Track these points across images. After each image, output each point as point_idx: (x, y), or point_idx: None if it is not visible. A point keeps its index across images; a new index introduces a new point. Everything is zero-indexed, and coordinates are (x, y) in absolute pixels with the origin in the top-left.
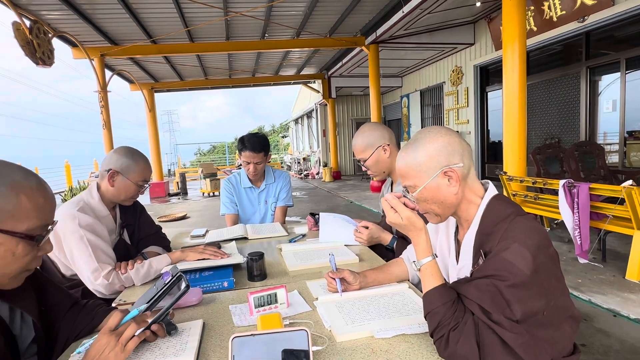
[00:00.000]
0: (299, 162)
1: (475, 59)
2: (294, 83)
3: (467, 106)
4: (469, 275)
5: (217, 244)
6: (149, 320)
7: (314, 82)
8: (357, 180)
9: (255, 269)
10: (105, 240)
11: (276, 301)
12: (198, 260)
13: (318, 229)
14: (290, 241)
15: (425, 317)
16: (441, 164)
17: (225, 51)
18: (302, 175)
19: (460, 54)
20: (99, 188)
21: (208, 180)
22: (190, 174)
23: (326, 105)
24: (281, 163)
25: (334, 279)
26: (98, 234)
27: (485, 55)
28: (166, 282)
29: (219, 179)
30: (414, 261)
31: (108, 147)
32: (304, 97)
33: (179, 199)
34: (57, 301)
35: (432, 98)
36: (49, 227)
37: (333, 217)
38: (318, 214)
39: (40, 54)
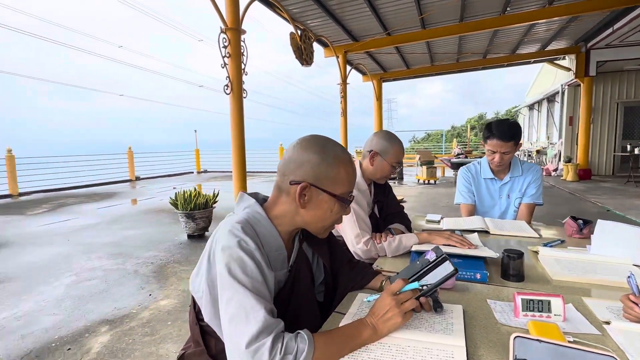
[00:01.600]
0: (530, 155)
1: None
2: (534, 62)
3: None
4: None
5: (460, 233)
6: (419, 292)
7: (563, 58)
8: (619, 182)
9: (511, 267)
10: (365, 211)
11: (549, 310)
12: (444, 245)
13: (582, 237)
14: (545, 245)
15: None
16: None
17: (458, 34)
18: None
19: None
20: (360, 165)
21: (425, 167)
22: (404, 160)
23: (579, 85)
24: None
25: (637, 304)
26: (360, 205)
27: None
28: (431, 261)
29: (435, 167)
30: None
31: (343, 132)
32: (546, 77)
33: (394, 183)
34: (338, 255)
35: None
36: (352, 194)
37: (617, 226)
38: (582, 219)
39: (305, 56)
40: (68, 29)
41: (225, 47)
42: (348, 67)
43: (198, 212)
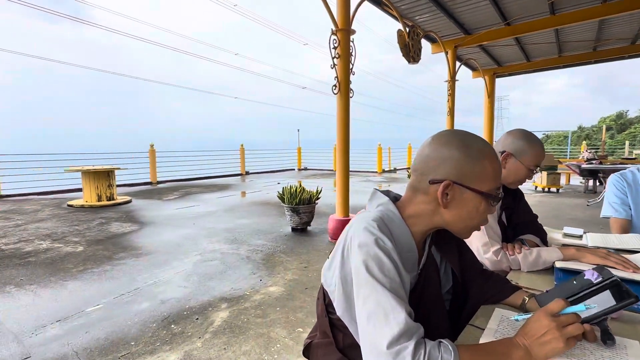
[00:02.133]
0: None
1: None
2: None
3: None
4: None
5: (618, 253)
6: (582, 318)
7: None
8: None
9: None
10: (494, 218)
11: None
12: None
13: None
14: None
15: None
16: None
17: (600, 17)
18: None
19: None
20: None
21: (545, 173)
22: None
23: None
24: None
25: None
26: None
27: None
28: (595, 282)
29: (559, 174)
30: None
31: None
32: None
33: None
34: (469, 263)
35: None
36: (499, 190)
37: None
38: None
39: (412, 53)
40: (197, 41)
41: (335, 48)
42: (457, 63)
43: (302, 207)
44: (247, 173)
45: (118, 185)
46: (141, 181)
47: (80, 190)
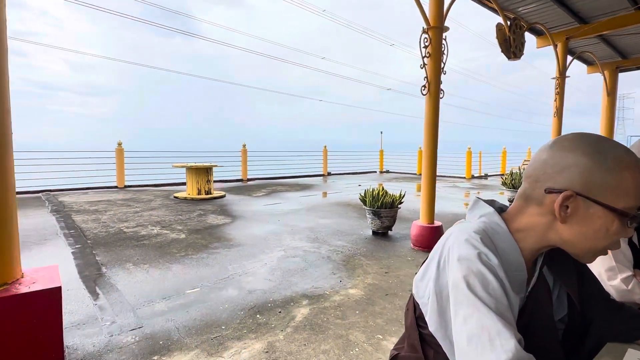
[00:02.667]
0: None
1: None
2: None
3: None
4: None
5: None
6: None
7: None
8: None
9: None
10: (624, 240)
11: None
12: None
13: None
14: None
15: None
16: None
17: None
18: None
19: None
20: None
21: None
22: None
23: None
24: None
25: None
26: None
27: None
28: None
29: None
30: None
31: (556, 135)
32: None
33: None
34: (592, 291)
35: None
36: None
37: None
38: None
39: (513, 48)
40: (287, 47)
41: (425, 47)
42: (568, 58)
43: (384, 211)
44: (329, 174)
45: (215, 181)
46: (234, 177)
47: (184, 184)
